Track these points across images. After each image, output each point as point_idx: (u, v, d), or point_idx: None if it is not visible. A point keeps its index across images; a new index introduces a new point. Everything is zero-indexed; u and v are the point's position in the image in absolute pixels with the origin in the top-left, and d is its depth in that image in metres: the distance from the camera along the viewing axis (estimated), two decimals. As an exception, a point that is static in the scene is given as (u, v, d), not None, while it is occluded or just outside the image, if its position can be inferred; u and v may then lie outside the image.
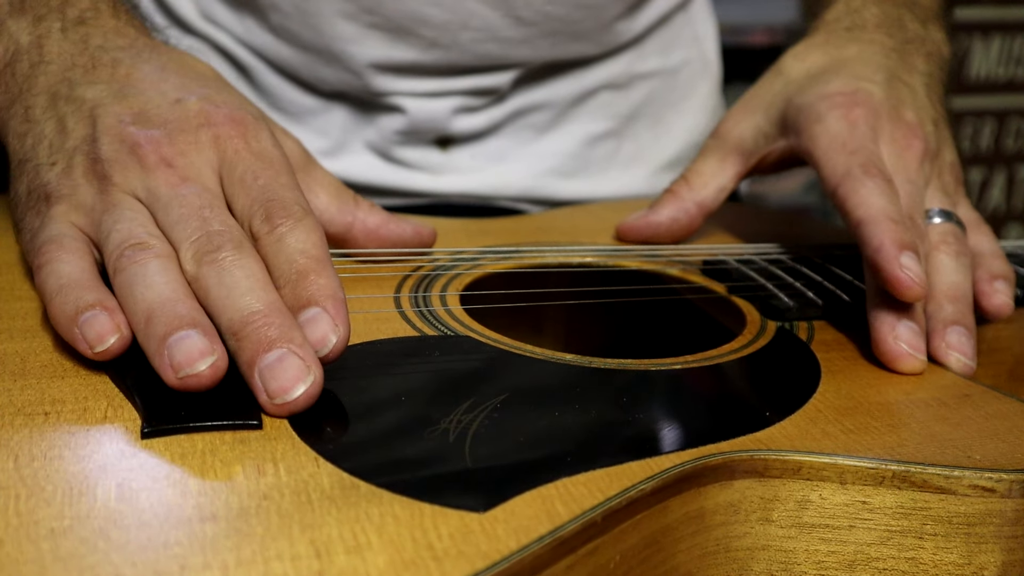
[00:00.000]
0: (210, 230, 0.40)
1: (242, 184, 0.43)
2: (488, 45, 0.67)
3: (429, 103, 0.68)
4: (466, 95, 0.69)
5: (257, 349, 0.37)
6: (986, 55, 1.88)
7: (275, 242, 0.41)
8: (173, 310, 0.38)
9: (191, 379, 0.36)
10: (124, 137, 0.43)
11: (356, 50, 0.66)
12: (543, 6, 0.67)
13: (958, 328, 0.48)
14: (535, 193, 0.73)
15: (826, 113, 0.53)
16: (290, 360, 0.37)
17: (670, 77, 0.77)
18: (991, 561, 0.38)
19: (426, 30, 0.66)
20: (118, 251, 0.40)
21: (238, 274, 0.39)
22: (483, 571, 0.30)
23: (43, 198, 0.44)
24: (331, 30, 0.65)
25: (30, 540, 0.30)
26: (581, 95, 0.73)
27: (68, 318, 0.39)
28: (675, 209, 0.60)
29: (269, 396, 0.36)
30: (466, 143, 0.71)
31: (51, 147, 0.45)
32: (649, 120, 0.76)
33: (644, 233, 0.60)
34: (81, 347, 0.39)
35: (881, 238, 0.47)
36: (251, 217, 0.42)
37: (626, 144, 0.76)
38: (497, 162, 0.72)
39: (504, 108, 0.71)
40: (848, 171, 0.50)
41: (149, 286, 0.39)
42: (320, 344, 0.38)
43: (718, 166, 0.60)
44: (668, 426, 0.40)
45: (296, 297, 0.39)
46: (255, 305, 0.38)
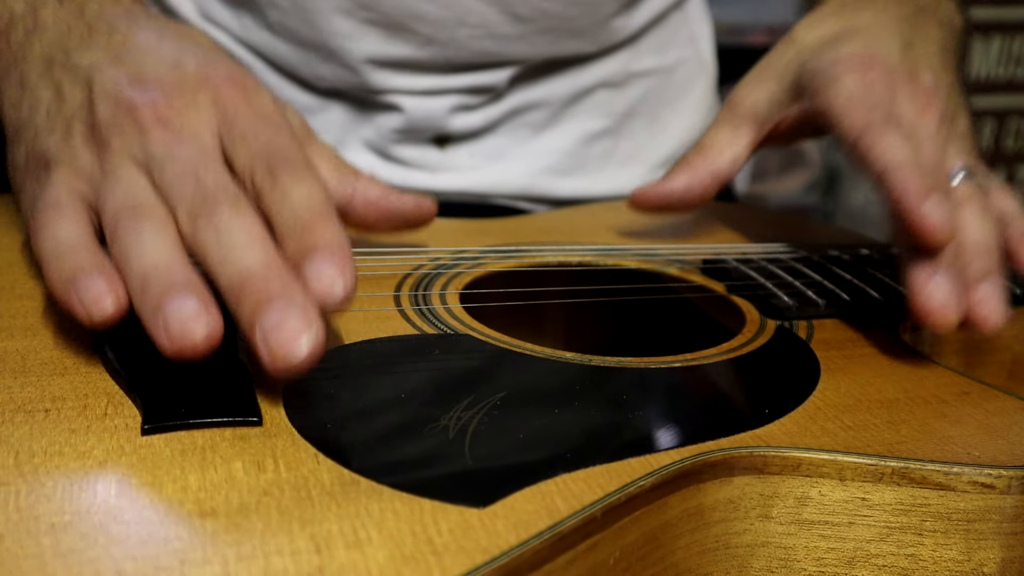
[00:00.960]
0: (206, 188, 0.39)
1: (243, 140, 0.42)
2: (485, 42, 0.67)
3: (427, 101, 0.68)
4: (463, 93, 0.69)
5: (257, 307, 0.36)
6: (986, 55, 1.88)
7: (280, 197, 0.40)
8: (168, 274, 0.37)
9: (186, 347, 0.35)
10: (120, 100, 0.43)
11: (353, 46, 0.66)
12: (540, 3, 0.67)
13: (989, 281, 0.47)
14: (532, 191, 0.73)
15: (843, 74, 0.53)
16: (291, 314, 0.35)
17: (666, 76, 0.77)
18: (990, 558, 0.38)
19: (422, 26, 0.66)
20: (114, 218, 0.39)
21: (236, 232, 0.38)
22: (483, 566, 0.30)
23: (42, 165, 0.43)
24: (328, 26, 0.66)
25: (30, 535, 0.30)
26: (578, 93, 0.73)
27: (64, 281, 0.38)
28: (689, 178, 0.59)
29: (271, 354, 0.35)
30: (464, 141, 0.71)
31: (49, 113, 0.44)
32: (645, 119, 0.76)
33: (658, 201, 0.59)
34: (78, 312, 0.37)
35: (905, 184, 0.46)
36: (253, 172, 0.41)
37: (623, 142, 0.76)
38: (495, 160, 0.72)
39: (501, 106, 0.71)
40: (869, 124, 0.49)
41: (144, 250, 0.38)
42: (327, 291, 0.37)
43: (732, 135, 0.59)
44: (667, 423, 0.40)
45: (301, 247, 0.38)
46: (254, 263, 0.37)
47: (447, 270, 0.53)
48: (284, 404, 0.38)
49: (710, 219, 0.70)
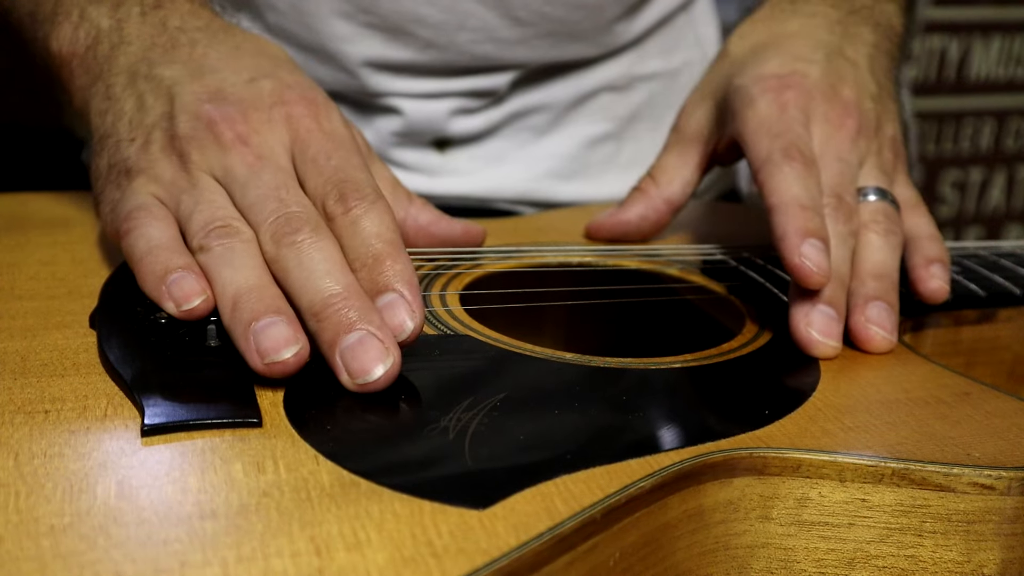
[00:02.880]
0: (288, 212, 0.41)
1: (315, 164, 0.44)
2: (485, 46, 0.67)
3: (426, 104, 0.68)
4: (464, 96, 0.69)
5: (338, 330, 0.38)
6: (986, 55, 1.88)
7: (350, 224, 0.42)
8: (260, 296, 0.39)
9: (277, 366, 0.38)
10: (200, 114, 0.45)
11: (351, 49, 0.66)
12: (540, 7, 0.67)
13: (879, 303, 0.48)
14: (533, 195, 0.73)
15: (758, 97, 0.53)
16: (370, 342, 0.38)
17: (671, 79, 0.77)
18: (990, 559, 0.38)
19: (422, 30, 0.66)
20: (203, 231, 0.42)
21: (316, 256, 0.40)
22: (483, 568, 0.30)
23: (123, 172, 0.45)
24: (327, 29, 0.65)
25: (30, 537, 0.30)
26: (580, 97, 0.73)
27: (157, 277, 0.41)
28: (643, 207, 0.59)
29: (351, 376, 0.38)
30: (464, 145, 0.71)
31: (131, 123, 0.46)
32: (649, 122, 0.76)
33: (614, 231, 0.60)
34: (168, 306, 0.40)
35: (785, 227, 0.46)
36: (324, 197, 0.43)
37: (626, 146, 0.76)
38: (495, 164, 0.72)
39: (502, 110, 0.71)
40: (769, 156, 0.50)
41: (237, 269, 0.40)
42: (397, 330, 0.40)
43: (679, 160, 0.59)
44: (667, 424, 0.40)
45: (373, 282, 0.41)
46: (334, 287, 0.39)
47: (447, 270, 0.53)
48: (284, 406, 0.38)
49: (711, 219, 0.70)
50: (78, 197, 0.58)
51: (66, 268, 0.49)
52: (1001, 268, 0.57)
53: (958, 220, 2.00)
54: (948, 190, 1.97)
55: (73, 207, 0.57)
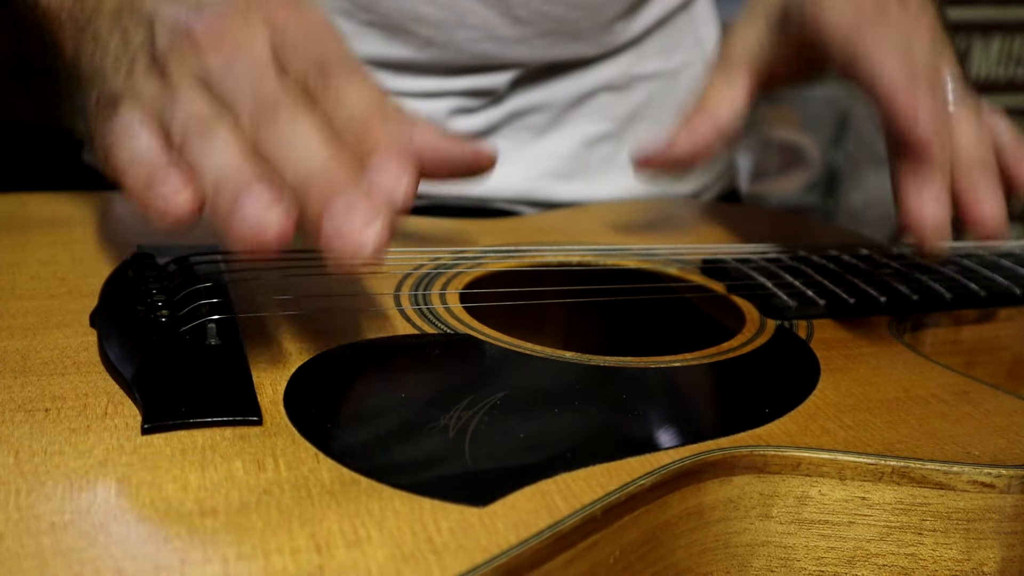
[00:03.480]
0: (264, 94, 0.40)
1: (294, 48, 0.43)
2: (484, 44, 0.67)
3: (426, 104, 0.68)
4: (463, 96, 0.69)
5: (324, 202, 0.37)
6: (986, 55, 1.88)
7: (333, 97, 0.41)
8: (240, 174, 0.38)
9: (261, 238, 0.36)
10: (177, 26, 0.44)
11: (351, 47, 0.66)
12: (540, 5, 0.66)
13: (986, 185, 0.47)
14: (533, 195, 0.73)
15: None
16: (358, 204, 0.36)
17: (671, 79, 0.77)
18: (990, 557, 0.39)
19: (422, 28, 0.66)
20: (183, 131, 0.40)
21: (298, 131, 0.39)
22: (482, 565, 0.30)
23: (110, 102, 0.45)
24: None
25: (31, 535, 0.30)
26: (580, 96, 0.73)
27: (143, 186, 0.39)
28: (692, 134, 0.58)
29: (341, 245, 0.36)
30: None
31: (115, 56, 0.46)
32: (649, 122, 0.76)
33: (664, 163, 0.58)
34: (157, 207, 0.39)
35: (895, 87, 0.46)
36: (306, 76, 0.42)
37: (625, 146, 0.75)
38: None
39: (501, 109, 0.71)
40: (861, 38, 0.49)
41: (214, 156, 0.39)
42: (392, 188, 0.38)
43: (727, 86, 0.59)
44: (667, 423, 0.40)
45: (361, 147, 0.39)
46: (318, 158, 0.38)
47: (447, 270, 0.53)
48: (284, 403, 0.38)
49: (710, 219, 0.70)
50: (78, 197, 0.59)
51: (66, 268, 0.49)
52: (1001, 268, 0.57)
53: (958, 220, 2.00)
54: (948, 191, 1.97)
55: (73, 207, 0.57)
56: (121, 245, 0.52)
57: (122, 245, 0.52)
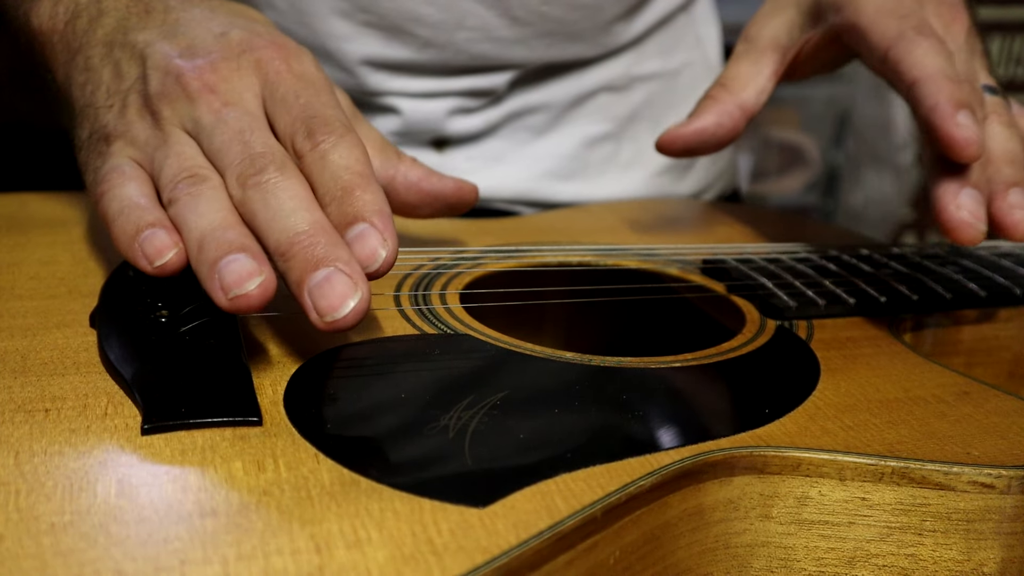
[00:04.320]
0: (252, 153, 0.41)
1: (283, 103, 0.44)
2: (483, 45, 0.67)
3: (424, 104, 0.68)
4: (462, 96, 0.69)
5: (305, 268, 0.38)
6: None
7: (318, 159, 0.42)
8: (223, 236, 0.39)
9: (241, 299, 0.38)
10: (170, 70, 0.45)
11: (350, 48, 0.66)
12: (539, 6, 0.66)
13: (1019, 188, 0.48)
14: (532, 195, 0.73)
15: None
16: (337, 278, 0.38)
17: (671, 79, 0.77)
18: (990, 557, 0.39)
19: (421, 29, 0.66)
20: (171, 184, 0.42)
21: (282, 195, 0.40)
22: (483, 565, 0.30)
23: (102, 139, 0.45)
24: (325, 28, 0.65)
25: (30, 535, 0.30)
26: (579, 97, 0.73)
27: (129, 237, 0.41)
28: (718, 114, 0.57)
29: (319, 314, 0.38)
30: (462, 145, 0.71)
31: (108, 91, 0.46)
32: (649, 122, 0.76)
33: (689, 141, 0.57)
34: (141, 263, 0.40)
35: (937, 96, 0.46)
36: (293, 135, 0.43)
37: (625, 146, 0.75)
38: (494, 164, 0.72)
39: (501, 110, 0.71)
40: (901, 33, 0.49)
41: (201, 215, 0.40)
42: (370, 260, 0.39)
43: (753, 67, 0.58)
44: (667, 423, 0.40)
45: (342, 214, 0.40)
46: (300, 225, 0.39)
47: (447, 270, 0.53)
48: (284, 404, 0.38)
49: (710, 219, 0.70)
50: (78, 197, 0.58)
51: (66, 268, 0.49)
52: (1001, 268, 0.57)
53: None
54: (948, 190, 1.97)
55: (73, 207, 0.57)
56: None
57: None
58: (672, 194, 0.77)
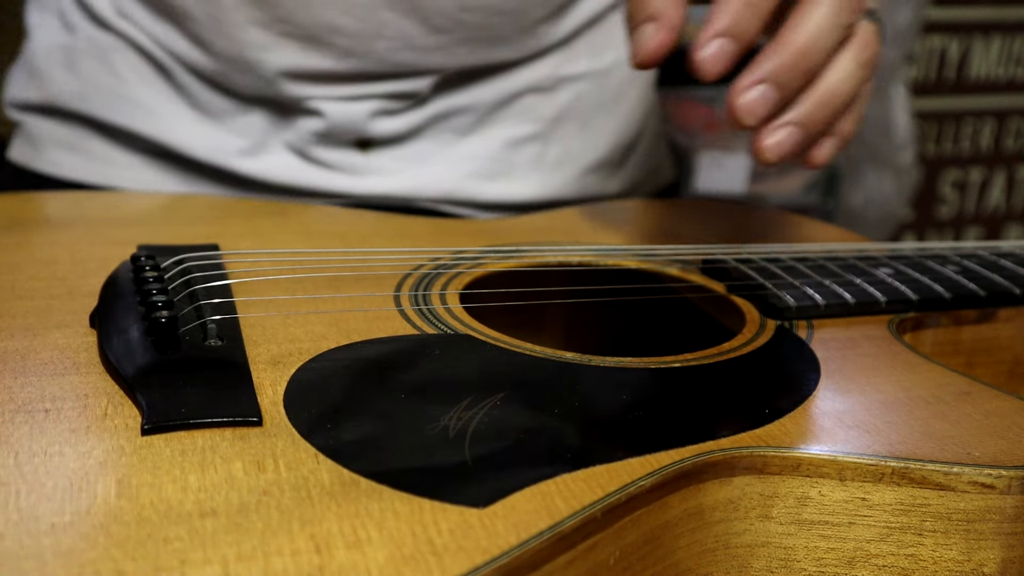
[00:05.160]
0: None
1: None
2: (404, 53, 0.66)
3: (346, 106, 0.68)
4: (384, 99, 0.68)
5: None
6: (986, 55, 1.88)
7: None
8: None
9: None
10: None
11: (269, 58, 0.65)
12: (457, 14, 0.65)
13: (798, 128, 0.48)
14: (457, 195, 0.72)
15: None
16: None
17: (601, 79, 0.75)
18: (990, 558, 0.39)
19: (340, 39, 0.65)
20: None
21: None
22: (483, 566, 0.30)
23: None
24: (244, 38, 0.65)
25: (31, 535, 0.30)
26: (504, 99, 0.71)
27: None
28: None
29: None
30: (386, 146, 0.70)
31: None
32: (577, 123, 0.75)
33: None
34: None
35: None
36: None
37: (552, 147, 0.74)
38: (418, 164, 0.71)
39: (424, 112, 0.70)
40: None
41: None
42: None
43: None
44: (667, 423, 0.40)
45: None
46: None
47: (447, 270, 0.53)
48: (284, 404, 0.38)
49: (710, 219, 0.70)
50: (78, 197, 0.59)
51: (66, 268, 0.49)
52: (1001, 268, 0.57)
53: (958, 220, 2.00)
54: (948, 190, 1.98)
55: (73, 207, 0.58)
56: (121, 244, 0.52)
57: (122, 244, 0.52)
58: (602, 193, 0.76)
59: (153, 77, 0.69)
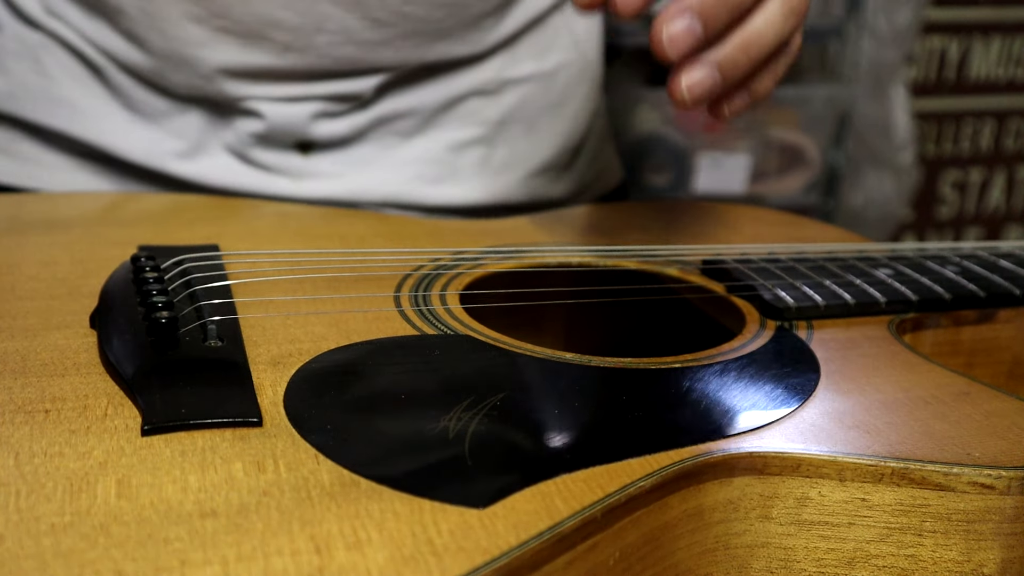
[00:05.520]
0: None
1: None
2: (346, 48, 0.65)
3: (287, 108, 0.66)
4: (326, 100, 0.67)
5: None
6: (986, 55, 1.88)
7: None
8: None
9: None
10: None
11: (206, 54, 0.64)
12: (400, 6, 0.64)
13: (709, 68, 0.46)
14: (400, 199, 0.71)
15: None
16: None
17: (547, 80, 0.74)
18: (990, 558, 0.39)
19: (279, 34, 0.63)
20: None
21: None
22: (482, 566, 0.30)
23: None
24: (180, 34, 0.63)
25: (31, 536, 0.30)
26: (449, 101, 0.70)
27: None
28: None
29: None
30: (328, 149, 0.69)
31: None
32: (523, 126, 0.73)
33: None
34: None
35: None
36: None
37: (498, 150, 0.73)
38: (360, 168, 0.69)
39: (368, 115, 0.69)
40: None
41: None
42: None
43: None
44: (667, 424, 0.40)
45: None
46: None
47: (447, 271, 0.53)
48: (284, 405, 0.38)
49: (710, 219, 0.70)
50: (78, 197, 0.59)
51: (66, 268, 0.49)
52: (1001, 269, 0.57)
53: (958, 220, 2.00)
54: (948, 190, 1.98)
55: (73, 207, 0.58)
56: (121, 245, 0.52)
57: (122, 245, 0.52)
58: (548, 196, 0.75)
59: (85, 77, 0.67)
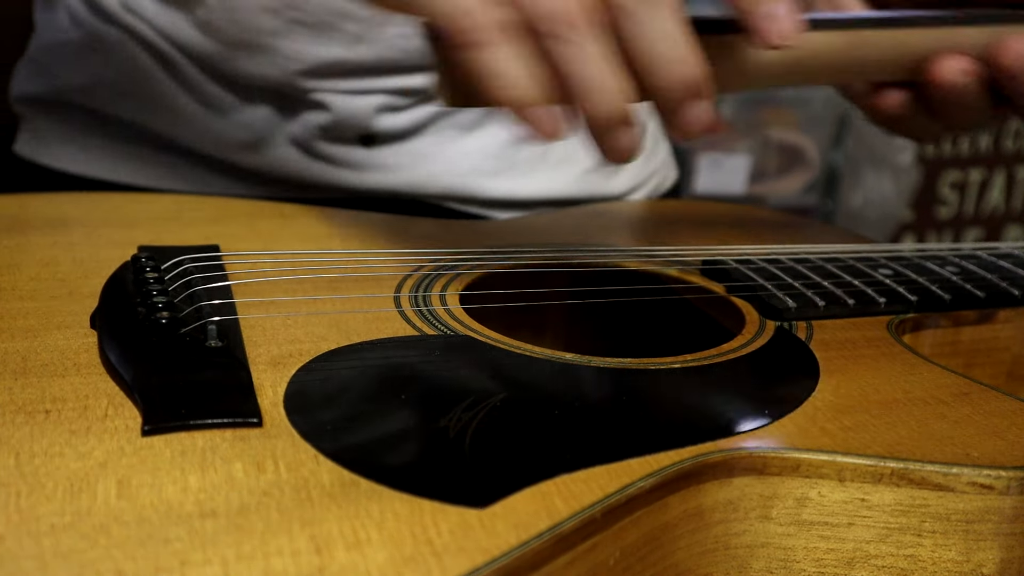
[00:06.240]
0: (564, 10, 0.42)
1: None
2: (414, 40, 0.66)
3: (353, 100, 0.68)
4: (391, 94, 0.69)
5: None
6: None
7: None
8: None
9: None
10: None
11: (280, 44, 0.66)
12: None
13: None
14: (460, 191, 0.72)
15: None
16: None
17: None
18: (989, 558, 0.39)
19: (350, 24, 0.66)
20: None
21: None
22: (483, 566, 0.30)
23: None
24: (255, 24, 0.65)
25: (31, 536, 0.30)
26: None
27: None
28: None
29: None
30: (390, 141, 0.71)
31: None
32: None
33: None
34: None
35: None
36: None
37: (556, 145, 0.73)
38: (421, 161, 0.71)
39: (429, 108, 0.70)
40: None
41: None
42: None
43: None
44: (667, 424, 0.40)
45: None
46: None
47: (447, 271, 0.53)
48: (284, 405, 0.38)
49: (710, 219, 0.70)
50: (78, 197, 0.59)
51: (67, 269, 0.49)
52: (1000, 269, 0.57)
53: (958, 220, 2.00)
54: (948, 190, 1.98)
55: (73, 207, 0.58)
56: (121, 245, 0.52)
57: (122, 245, 0.52)
58: (603, 192, 0.76)
59: (158, 71, 0.69)
